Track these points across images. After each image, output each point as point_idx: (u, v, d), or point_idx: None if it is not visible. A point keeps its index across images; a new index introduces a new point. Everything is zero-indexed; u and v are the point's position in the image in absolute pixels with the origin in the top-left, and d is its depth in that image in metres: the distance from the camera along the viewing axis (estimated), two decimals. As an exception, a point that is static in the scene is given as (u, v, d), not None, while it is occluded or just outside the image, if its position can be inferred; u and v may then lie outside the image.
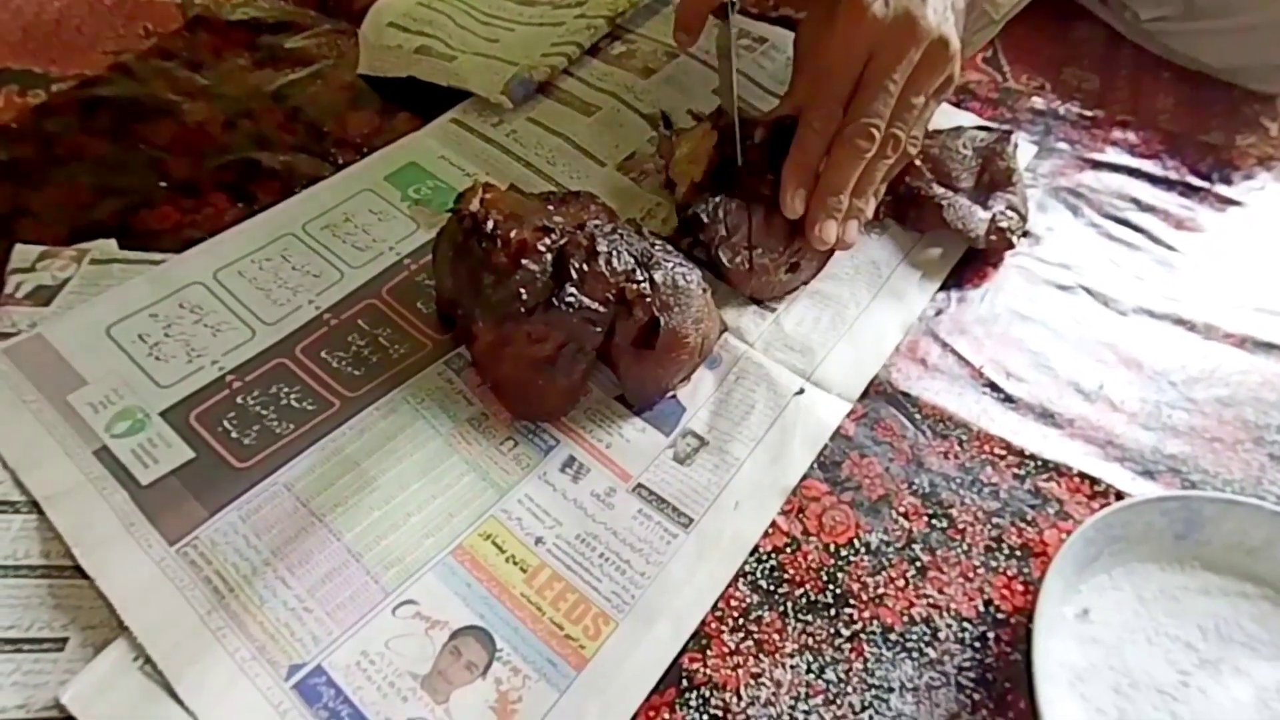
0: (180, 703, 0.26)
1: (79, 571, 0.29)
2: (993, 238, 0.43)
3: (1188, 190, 0.49)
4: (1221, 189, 0.49)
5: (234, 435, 0.34)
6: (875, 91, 0.37)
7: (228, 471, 0.33)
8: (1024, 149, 0.49)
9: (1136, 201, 0.48)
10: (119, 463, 0.32)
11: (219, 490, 0.32)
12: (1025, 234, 0.45)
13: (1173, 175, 0.50)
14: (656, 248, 0.36)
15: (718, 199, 0.39)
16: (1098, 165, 0.50)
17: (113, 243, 0.40)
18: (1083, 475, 0.36)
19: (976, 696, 0.30)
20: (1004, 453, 0.37)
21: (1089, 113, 0.53)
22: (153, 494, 0.31)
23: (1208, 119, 0.53)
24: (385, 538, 0.31)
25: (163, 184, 0.44)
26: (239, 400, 0.35)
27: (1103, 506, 0.32)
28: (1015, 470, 0.36)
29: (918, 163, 0.43)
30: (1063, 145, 0.51)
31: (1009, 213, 0.43)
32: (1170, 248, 0.46)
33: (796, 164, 0.38)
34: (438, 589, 0.30)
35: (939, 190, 0.43)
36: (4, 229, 0.40)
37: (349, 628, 0.29)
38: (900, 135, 0.38)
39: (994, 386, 0.39)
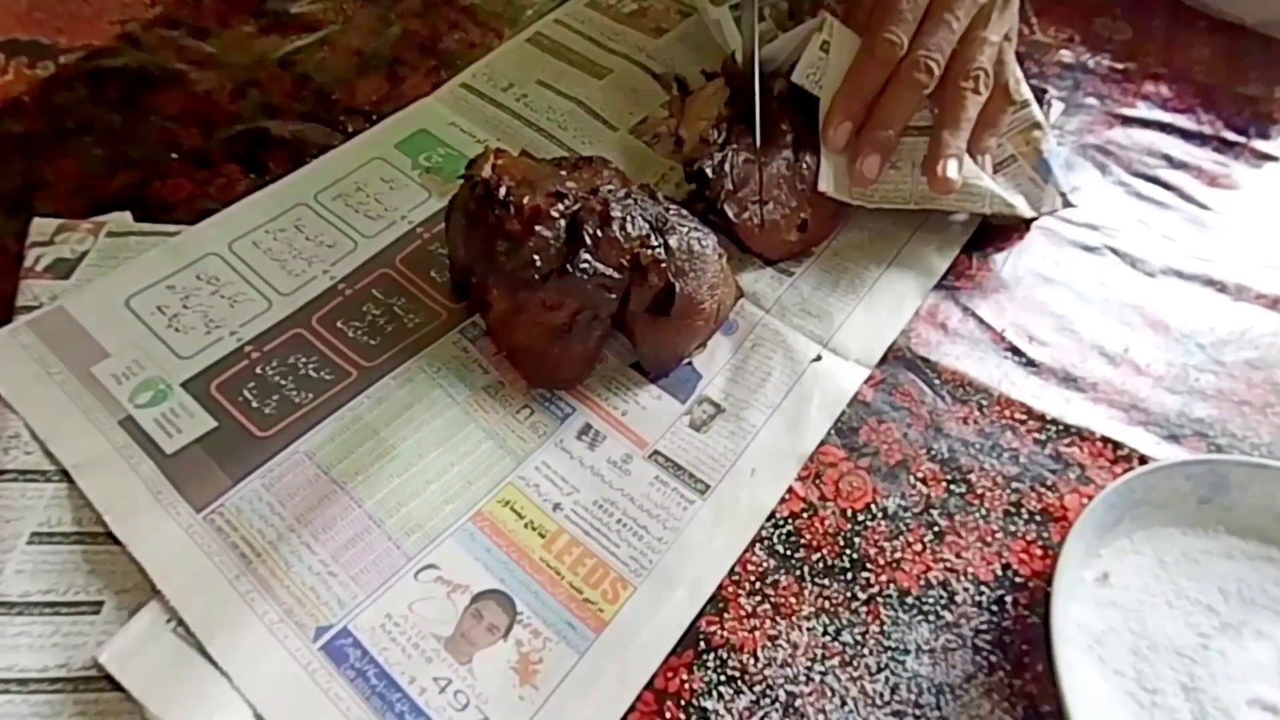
0: (213, 663, 0.27)
1: (111, 538, 0.30)
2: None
3: (1222, 145, 0.47)
4: (1259, 144, 0.47)
5: (254, 405, 0.34)
6: (937, 24, 0.36)
7: (250, 440, 0.33)
8: (1054, 107, 0.48)
9: (1168, 158, 0.46)
10: (144, 433, 0.33)
11: (242, 459, 0.32)
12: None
13: (1207, 130, 0.48)
14: (671, 212, 0.35)
15: (724, 152, 0.38)
16: (1128, 121, 0.48)
17: (128, 215, 0.40)
18: (1105, 440, 0.35)
19: (993, 658, 0.30)
20: (1025, 417, 0.36)
21: (1120, 65, 0.51)
22: (178, 463, 0.32)
23: (1245, 70, 0.51)
24: (405, 504, 0.32)
25: (174, 155, 0.43)
26: (258, 370, 0.35)
27: (1125, 471, 0.32)
28: (1036, 435, 0.36)
29: None
30: (1091, 100, 0.49)
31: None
32: (1202, 206, 0.44)
33: (848, 95, 0.37)
34: (458, 554, 0.31)
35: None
36: (21, 202, 0.41)
37: (373, 591, 0.30)
38: (986, 69, 0.36)
39: (1016, 351, 0.39)
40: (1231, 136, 0.47)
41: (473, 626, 0.29)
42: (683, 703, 0.29)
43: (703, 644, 0.30)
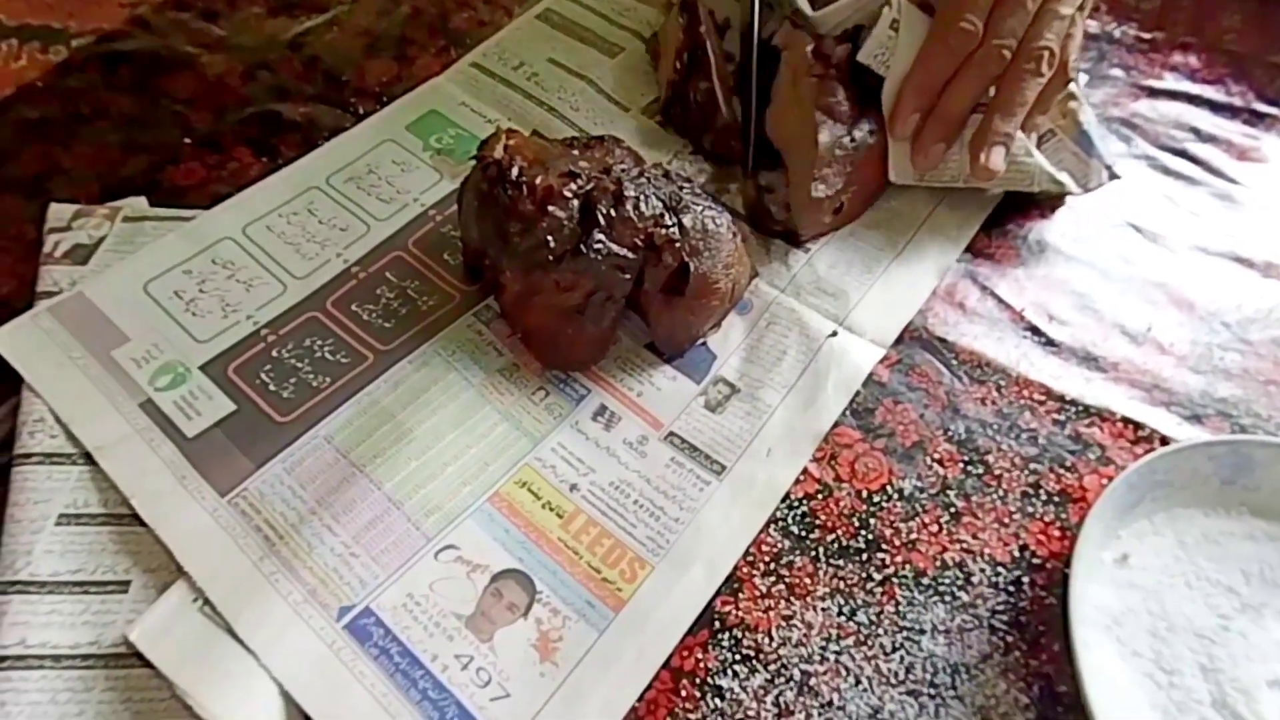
0: (240, 641, 0.28)
1: (136, 519, 0.31)
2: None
3: (1253, 118, 0.46)
4: (1290, 115, 0.46)
5: (272, 388, 0.34)
6: (1013, 7, 0.34)
7: (270, 425, 0.33)
8: (1079, 79, 0.46)
9: (1196, 131, 0.45)
10: (164, 415, 0.33)
11: (263, 443, 0.33)
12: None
13: (1237, 101, 0.46)
14: (685, 191, 0.35)
15: (686, 87, 0.38)
16: (1154, 93, 0.47)
17: (143, 200, 0.40)
18: (1126, 420, 0.35)
19: (1010, 639, 0.30)
20: (1044, 398, 0.36)
21: (1147, 35, 0.50)
22: (199, 446, 0.32)
23: (1278, 38, 0.49)
24: (424, 486, 0.32)
25: (187, 139, 0.43)
26: (274, 354, 0.35)
27: (1146, 452, 0.32)
28: (1055, 416, 0.35)
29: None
30: (1117, 72, 0.48)
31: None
32: (1231, 180, 0.43)
33: (919, 86, 0.36)
34: (477, 534, 0.31)
35: None
36: (38, 188, 0.41)
37: (394, 572, 0.30)
38: (1053, 48, 0.35)
39: (1035, 330, 0.38)
40: (1263, 108, 0.46)
41: (493, 605, 0.30)
42: (698, 681, 0.29)
43: (718, 623, 0.30)
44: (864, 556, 0.32)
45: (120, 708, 0.27)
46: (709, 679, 0.29)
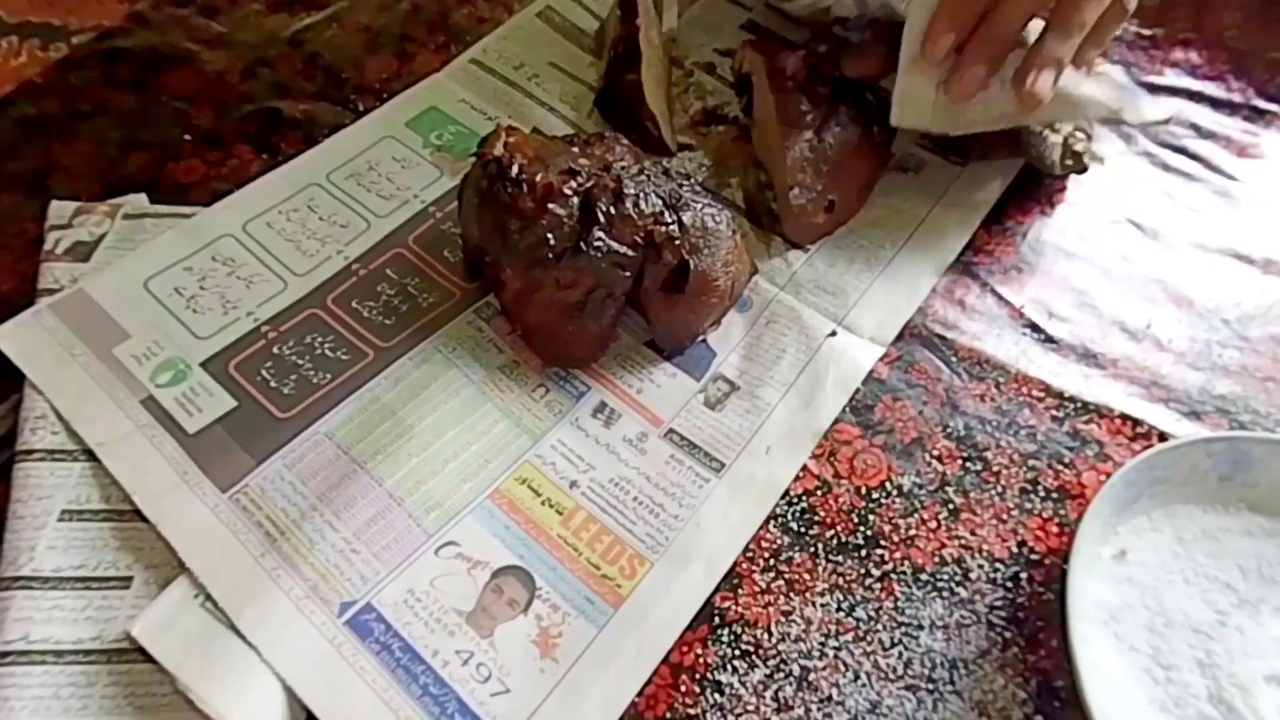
0: (242, 637, 0.28)
1: (138, 515, 0.31)
2: (1068, 162, 0.40)
3: (1253, 114, 0.46)
4: (1291, 112, 0.46)
5: (273, 385, 0.34)
6: None
7: (270, 421, 0.33)
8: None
9: (1196, 128, 0.45)
10: (165, 412, 0.33)
11: (263, 440, 0.33)
12: (1098, 158, 0.42)
13: (1237, 98, 0.46)
14: (685, 189, 0.35)
15: (618, 68, 0.39)
16: (1155, 89, 0.47)
17: (143, 197, 0.40)
18: (1124, 417, 0.35)
19: (1008, 634, 0.30)
20: (1043, 394, 0.36)
21: (1147, 31, 0.49)
22: (200, 442, 0.33)
23: (1279, 34, 0.49)
24: (425, 483, 0.32)
25: (187, 136, 0.44)
26: (275, 350, 0.36)
27: (1145, 448, 0.32)
28: (1054, 412, 0.36)
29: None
30: (1117, 69, 0.48)
31: (1078, 134, 0.40)
32: (1230, 177, 0.43)
33: (959, 4, 0.33)
34: (477, 531, 0.31)
35: None
36: (39, 185, 0.41)
37: (395, 568, 0.30)
38: None
39: (1035, 327, 0.38)
40: (1263, 104, 0.46)
41: (493, 601, 0.30)
42: (697, 676, 0.29)
43: (717, 619, 0.30)
44: (863, 553, 0.32)
45: (123, 703, 0.27)
46: (708, 674, 0.29)
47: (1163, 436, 0.34)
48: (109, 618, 0.29)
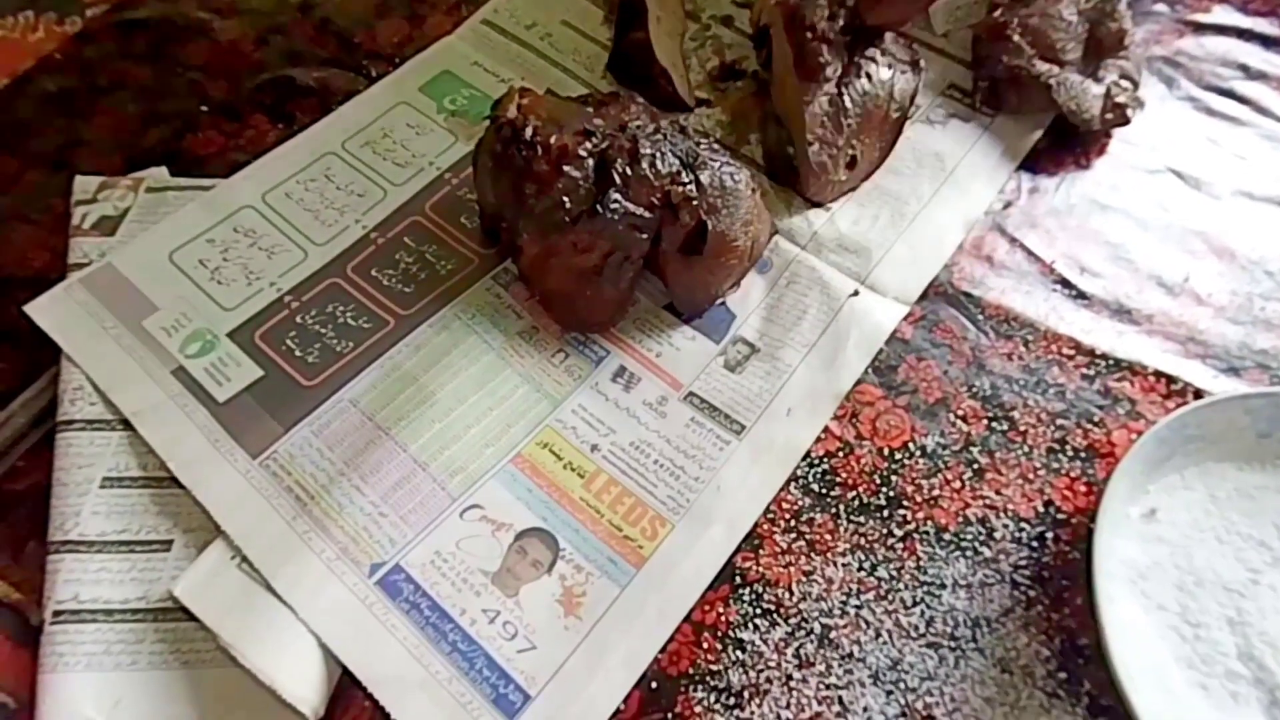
0: (278, 596, 0.29)
1: (175, 481, 0.32)
2: (1109, 116, 0.38)
3: (1308, 52, 0.43)
4: (1349, 48, 0.43)
5: (298, 354, 0.35)
6: None
7: (296, 389, 0.34)
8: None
9: (1245, 69, 0.43)
10: (195, 382, 0.34)
11: (290, 407, 0.34)
12: (1140, 105, 0.40)
13: (1291, 35, 0.44)
14: (702, 147, 0.34)
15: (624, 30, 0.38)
16: (1200, 29, 0.44)
17: (164, 170, 0.41)
18: (1159, 374, 0.34)
19: (1032, 593, 0.30)
20: (1073, 352, 0.35)
21: (1195, -35, 0.46)
22: (230, 410, 0.33)
23: (1340, -36, 0.46)
24: (448, 448, 0.33)
25: (204, 108, 0.44)
26: (298, 320, 0.36)
27: (1179, 406, 0.31)
28: (1084, 370, 0.35)
29: (1016, 38, 0.38)
30: (1160, 7, 0.45)
31: (1123, 83, 0.39)
32: (1280, 120, 0.41)
33: None
34: (501, 494, 0.32)
35: (1044, 67, 0.39)
36: (62, 160, 0.41)
37: (421, 530, 0.31)
38: None
39: (1065, 283, 0.37)
40: (1319, 41, 0.43)
41: (518, 562, 0.30)
42: (719, 634, 0.29)
43: (739, 579, 0.31)
44: (885, 513, 0.32)
45: (170, 658, 0.29)
46: (730, 632, 0.30)
47: (1198, 394, 0.33)
48: (153, 579, 0.30)
